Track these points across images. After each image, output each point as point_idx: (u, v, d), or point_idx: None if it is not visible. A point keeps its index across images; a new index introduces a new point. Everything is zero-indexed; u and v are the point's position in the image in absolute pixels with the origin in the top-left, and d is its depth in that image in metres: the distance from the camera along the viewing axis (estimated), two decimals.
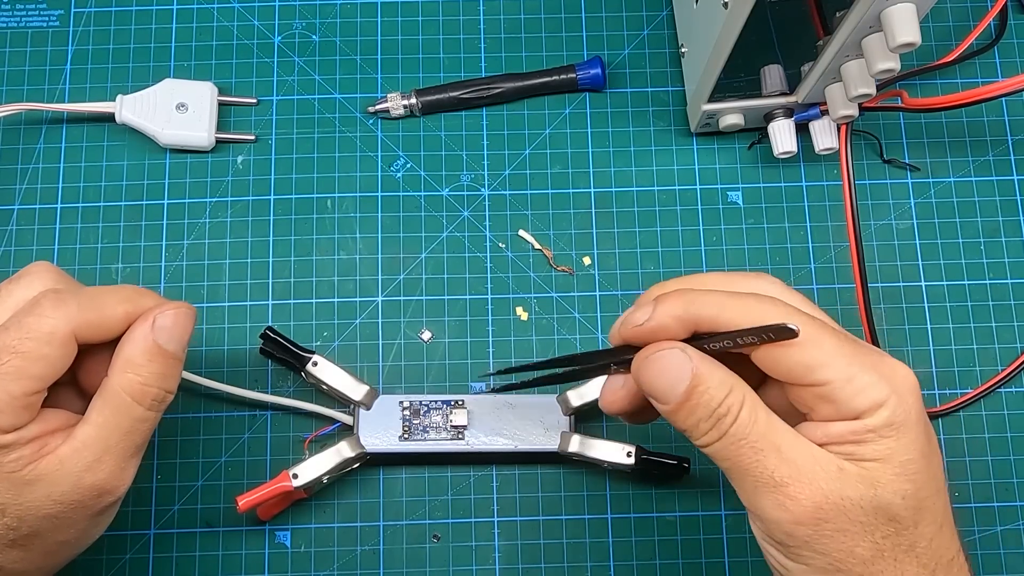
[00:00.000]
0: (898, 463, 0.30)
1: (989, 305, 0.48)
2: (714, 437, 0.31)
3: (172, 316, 0.35)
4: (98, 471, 0.34)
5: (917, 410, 0.31)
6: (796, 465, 0.30)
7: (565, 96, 0.51)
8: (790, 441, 0.30)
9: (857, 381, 0.30)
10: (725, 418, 0.30)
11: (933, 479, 0.31)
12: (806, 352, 0.30)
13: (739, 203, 0.50)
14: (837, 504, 0.30)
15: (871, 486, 0.30)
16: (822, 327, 0.31)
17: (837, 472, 0.30)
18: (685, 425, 0.32)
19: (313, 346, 0.47)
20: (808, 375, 0.30)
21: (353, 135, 0.50)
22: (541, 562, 0.45)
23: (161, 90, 0.49)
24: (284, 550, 0.45)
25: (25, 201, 0.49)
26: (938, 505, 0.31)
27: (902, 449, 0.30)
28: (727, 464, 0.31)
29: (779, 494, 0.30)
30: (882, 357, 0.31)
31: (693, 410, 0.31)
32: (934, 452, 0.31)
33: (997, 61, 0.52)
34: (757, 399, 0.31)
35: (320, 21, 0.52)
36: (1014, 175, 0.50)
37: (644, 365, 0.32)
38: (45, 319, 0.33)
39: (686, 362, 0.31)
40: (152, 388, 0.35)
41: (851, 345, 0.31)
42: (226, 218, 0.49)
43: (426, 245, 0.49)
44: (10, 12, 0.52)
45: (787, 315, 0.31)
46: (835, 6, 0.39)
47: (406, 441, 0.44)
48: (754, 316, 0.31)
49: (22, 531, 0.33)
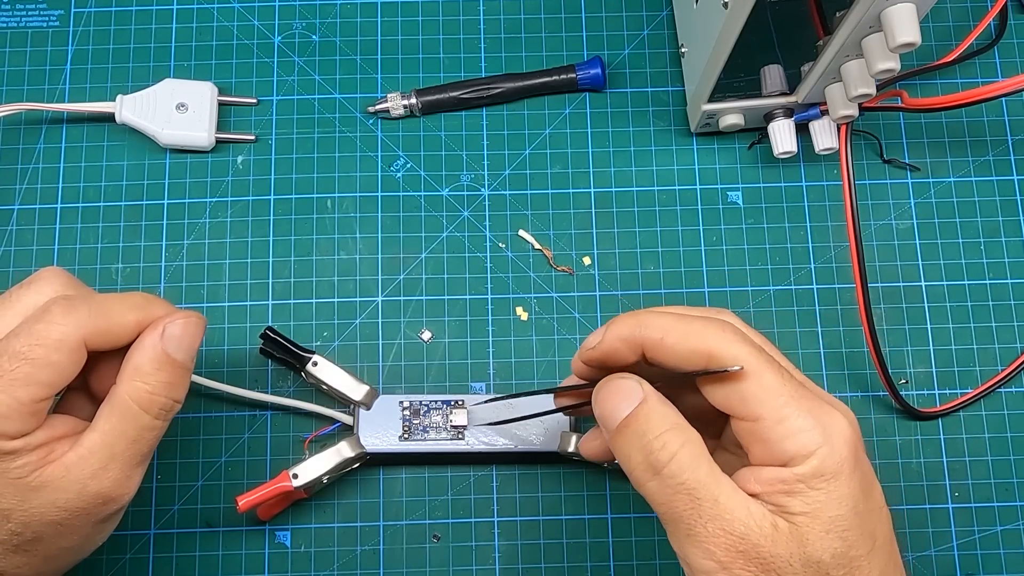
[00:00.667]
0: (827, 519, 0.29)
1: (989, 305, 0.48)
2: (648, 475, 0.31)
3: (182, 325, 0.35)
4: (103, 479, 0.34)
5: (851, 463, 0.30)
6: (730, 518, 0.29)
7: (565, 96, 0.51)
8: (728, 494, 0.30)
9: (789, 423, 0.30)
10: (659, 453, 0.30)
11: (867, 537, 0.30)
12: (743, 384, 0.30)
13: (739, 203, 0.50)
14: (767, 559, 0.29)
15: (800, 544, 0.29)
16: (766, 362, 0.31)
17: (771, 529, 0.29)
18: (622, 455, 0.32)
19: (313, 346, 0.47)
20: (741, 407, 0.30)
21: (353, 135, 0.50)
22: (541, 562, 0.45)
23: (161, 90, 0.49)
24: (284, 550, 0.45)
25: (25, 201, 0.49)
26: (874, 565, 0.30)
27: (832, 504, 0.29)
28: (662, 509, 0.31)
29: (709, 544, 0.29)
30: (821, 404, 0.30)
31: (629, 437, 0.31)
32: (873, 509, 0.31)
33: (997, 61, 0.52)
34: (704, 449, 0.31)
35: (320, 21, 0.52)
36: (1014, 175, 0.50)
37: (599, 389, 0.33)
38: (55, 326, 0.33)
39: (636, 390, 0.31)
40: (160, 397, 0.35)
41: (793, 386, 0.30)
42: (226, 218, 0.49)
43: (426, 245, 0.49)
44: (10, 12, 0.52)
45: (729, 344, 0.31)
46: (835, 6, 0.39)
47: (406, 441, 0.44)
48: (695, 340, 0.31)
49: (26, 536, 0.33)
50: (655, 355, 0.32)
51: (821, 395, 0.32)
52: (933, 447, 0.47)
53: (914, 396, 0.47)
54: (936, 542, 0.46)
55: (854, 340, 0.48)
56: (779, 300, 0.48)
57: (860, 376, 0.48)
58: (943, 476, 0.46)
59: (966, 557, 0.46)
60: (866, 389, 0.47)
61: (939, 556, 0.45)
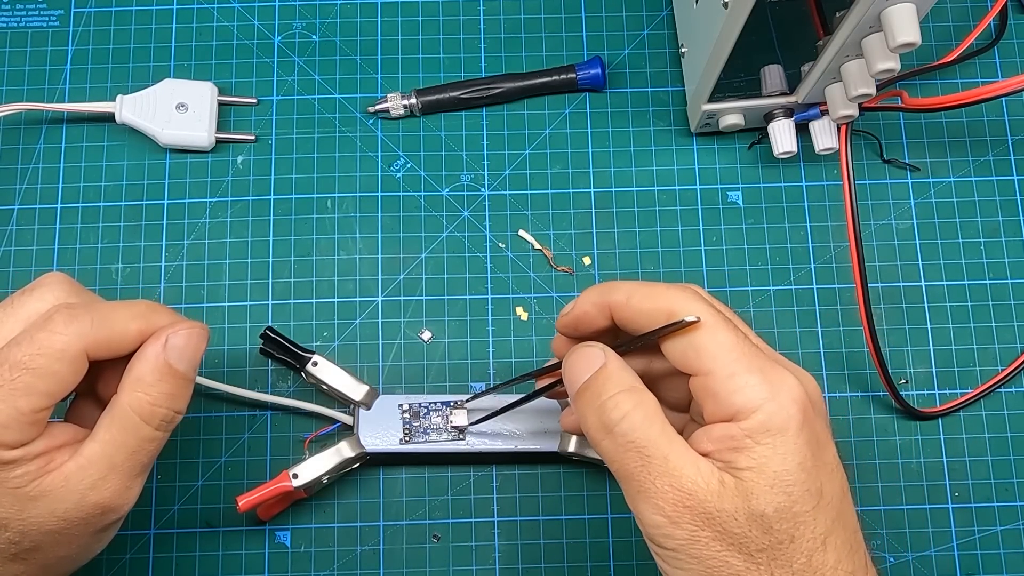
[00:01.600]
0: (772, 473, 0.30)
1: (989, 305, 0.48)
2: (601, 434, 0.32)
3: (185, 336, 0.35)
4: (103, 489, 0.34)
5: (798, 420, 0.30)
6: (678, 475, 0.30)
7: (565, 96, 0.51)
8: (679, 452, 0.31)
9: (738, 379, 0.31)
10: (612, 412, 0.31)
11: (813, 493, 0.30)
12: (697, 337, 0.32)
13: (739, 203, 0.50)
14: (712, 514, 0.30)
15: (745, 498, 0.30)
16: (723, 321, 0.32)
17: (718, 485, 0.30)
18: (581, 417, 0.33)
19: (313, 346, 0.47)
20: (695, 361, 0.31)
21: (353, 135, 0.50)
22: (541, 562, 0.45)
23: (161, 90, 0.49)
24: (284, 550, 0.45)
25: (25, 201, 0.49)
26: (819, 521, 0.30)
27: (778, 459, 0.30)
28: (615, 467, 0.32)
29: (658, 499, 0.30)
30: (773, 365, 0.31)
31: (588, 399, 0.33)
32: (821, 466, 0.31)
33: (997, 61, 0.52)
34: (658, 410, 0.32)
35: (320, 21, 0.52)
36: (1014, 175, 0.50)
37: (567, 358, 0.34)
38: (57, 335, 0.33)
39: (599, 356, 0.33)
40: (161, 408, 0.34)
41: (746, 346, 0.31)
42: (226, 218, 0.49)
43: (426, 245, 0.49)
44: (10, 12, 0.52)
45: (688, 301, 0.32)
46: (835, 6, 0.39)
47: (407, 444, 0.44)
48: (657, 300, 0.33)
49: (24, 545, 0.33)
50: (621, 315, 0.34)
51: (777, 359, 0.33)
52: (933, 447, 0.47)
53: (914, 396, 0.47)
54: (936, 542, 0.46)
55: (854, 340, 0.48)
56: (779, 300, 0.48)
57: (860, 376, 0.48)
58: (943, 476, 0.46)
59: (966, 557, 0.46)
60: (866, 389, 0.47)
61: (939, 556, 0.45)
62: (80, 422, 0.36)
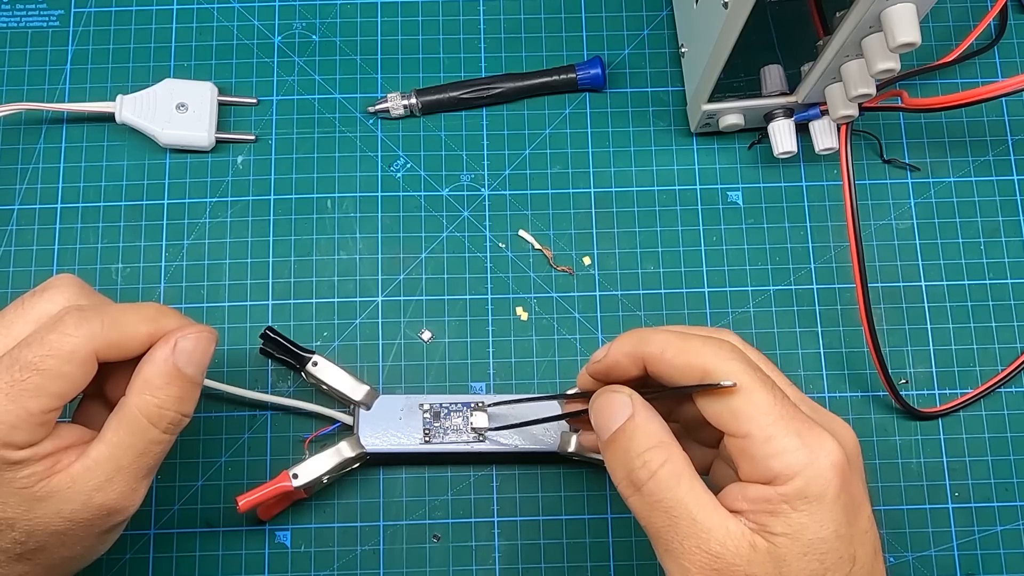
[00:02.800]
0: (806, 541, 0.29)
1: (989, 305, 0.48)
2: (630, 490, 0.31)
3: (194, 339, 0.35)
4: (109, 491, 0.34)
5: (836, 486, 0.30)
6: (706, 536, 0.30)
7: (565, 96, 0.51)
8: (708, 512, 0.30)
9: (776, 442, 0.30)
10: (640, 471, 0.31)
11: (847, 560, 0.30)
12: (734, 400, 0.31)
13: (739, 203, 0.50)
14: None
15: (777, 565, 0.29)
16: (759, 380, 0.31)
17: (748, 549, 0.29)
18: (609, 467, 0.33)
19: (313, 346, 0.47)
20: (732, 423, 0.31)
21: (353, 135, 0.50)
22: (541, 562, 0.45)
23: (161, 90, 0.49)
24: (284, 550, 0.45)
25: (25, 201, 0.49)
26: None
27: (814, 527, 0.29)
28: (643, 524, 0.31)
29: (685, 560, 0.30)
30: (812, 426, 0.30)
31: (615, 452, 0.32)
32: (856, 533, 0.30)
33: (997, 61, 0.52)
34: (687, 466, 0.31)
35: (320, 21, 0.52)
36: (1014, 175, 0.50)
37: (594, 400, 0.34)
38: (67, 337, 0.33)
39: (626, 404, 0.32)
40: (169, 411, 0.35)
41: (784, 406, 0.31)
42: (226, 218, 0.49)
43: (426, 245, 0.49)
44: (10, 12, 0.52)
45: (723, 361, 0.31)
46: (835, 6, 0.39)
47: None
48: (692, 356, 0.32)
49: (29, 546, 0.33)
50: (655, 369, 0.33)
51: (819, 416, 0.32)
52: (933, 447, 0.47)
53: (914, 396, 0.47)
54: (936, 542, 0.46)
55: (854, 340, 0.48)
56: (779, 300, 0.48)
57: (860, 376, 0.48)
58: (943, 476, 0.46)
59: (966, 557, 0.46)
60: (866, 389, 0.47)
61: (939, 556, 0.45)
62: (87, 423, 0.36)
